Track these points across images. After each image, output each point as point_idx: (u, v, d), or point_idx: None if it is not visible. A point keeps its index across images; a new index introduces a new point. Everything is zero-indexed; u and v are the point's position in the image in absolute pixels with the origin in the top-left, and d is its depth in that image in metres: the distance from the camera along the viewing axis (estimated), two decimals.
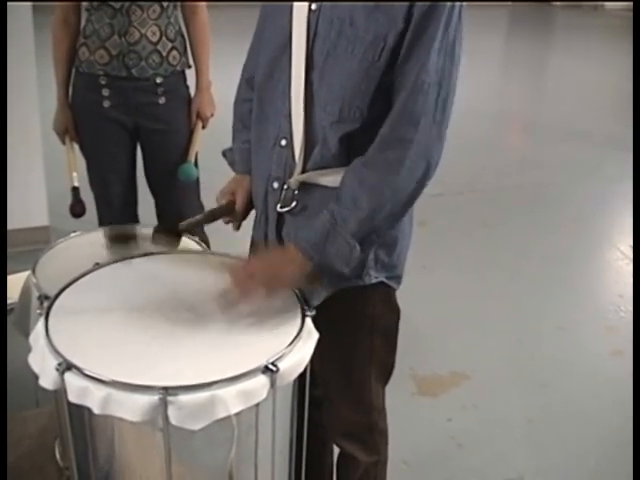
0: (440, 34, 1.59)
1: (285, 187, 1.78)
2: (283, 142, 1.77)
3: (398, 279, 1.93)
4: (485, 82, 8.93)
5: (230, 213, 1.99)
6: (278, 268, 1.73)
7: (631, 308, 4.00)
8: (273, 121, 1.80)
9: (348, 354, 1.97)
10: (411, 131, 1.63)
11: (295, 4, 1.71)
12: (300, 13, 1.69)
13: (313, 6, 1.68)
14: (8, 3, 3.71)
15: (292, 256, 1.71)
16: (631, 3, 14.24)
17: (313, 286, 1.78)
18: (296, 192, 1.77)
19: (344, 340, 1.93)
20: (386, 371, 2.05)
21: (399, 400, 2.68)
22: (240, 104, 2.04)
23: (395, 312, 1.98)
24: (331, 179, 1.73)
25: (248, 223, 2.00)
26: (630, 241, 4.82)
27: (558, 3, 17.17)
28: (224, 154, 2.06)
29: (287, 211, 1.79)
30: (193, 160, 3.04)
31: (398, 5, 1.58)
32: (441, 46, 1.61)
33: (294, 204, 1.78)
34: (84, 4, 2.88)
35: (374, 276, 1.85)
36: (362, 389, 2.03)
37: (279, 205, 1.79)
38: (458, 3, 1.61)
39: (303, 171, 1.75)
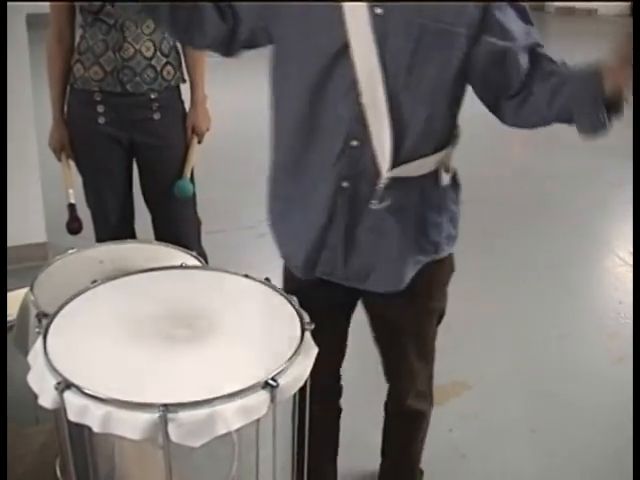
0: None
1: (379, 185, 1.83)
2: (354, 143, 1.83)
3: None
4: None
5: None
6: None
7: (631, 314, 3.99)
8: (335, 128, 1.84)
9: (426, 317, 2.17)
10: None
11: (351, 12, 1.73)
12: (358, 20, 1.73)
13: (379, 10, 1.72)
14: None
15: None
16: (625, 9, 14.29)
17: None
18: (382, 187, 1.83)
19: (424, 306, 2.14)
20: (441, 318, 2.24)
21: None
22: None
23: (454, 268, 2.17)
24: (420, 168, 1.87)
25: (248, 240, 2.00)
26: (629, 247, 4.81)
27: (553, 4, 17.17)
28: None
29: (381, 207, 1.87)
30: (189, 175, 3.04)
31: None
32: None
33: (389, 199, 1.85)
34: (78, 21, 2.88)
35: (447, 250, 2.06)
36: (432, 343, 2.24)
37: (374, 202, 1.85)
38: None
39: (393, 166, 1.82)
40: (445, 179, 1.95)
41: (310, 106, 1.86)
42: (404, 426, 2.42)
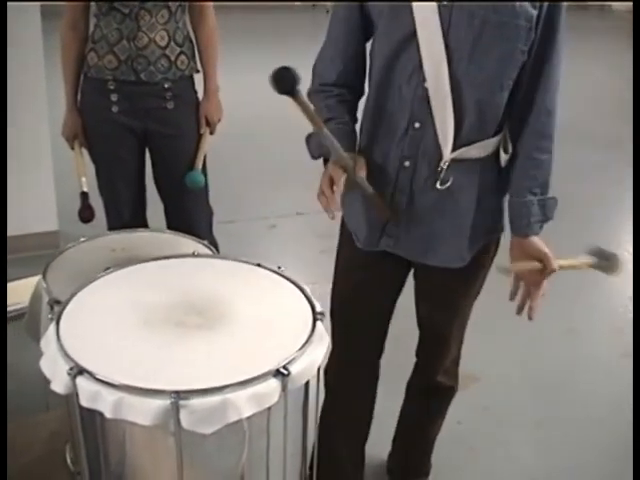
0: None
1: (439, 168, 1.95)
2: (417, 125, 1.94)
3: None
4: None
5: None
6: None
7: None
8: (400, 110, 1.96)
9: (474, 293, 2.29)
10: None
11: (419, 1, 1.84)
12: (425, 8, 1.83)
13: (445, 1, 1.82)
14: (17, 8, 3.73)
15: (535, 245, 2.07)
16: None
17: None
18: (445, 168, 1.95)
19: (474, 283, 2.25)
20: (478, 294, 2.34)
21: None
22: (321, 100, 2.11)
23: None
24: (481, 150, 1.97)
25: (259, 231, 2.01)
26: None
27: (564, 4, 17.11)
28: (307, 140, 2.10)
29: (444, 187, 1.97)
30: (200, 166, 3.04)
31: None
32: None
33: (451, 180, 1.96)
34: (92, 9, 2.88)
35: (501, 231, 2.19)
36: (466, 324, 2.38)
37: (438, 183, 1.96)
38: None
39: (454, 148, 1.93)
40: (504, 159, 2.03)
41: (379, 88, 1.99)
42: (430, 402, 2.53)
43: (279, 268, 1.94)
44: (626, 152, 6.21)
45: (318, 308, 1.74)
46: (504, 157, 2.03)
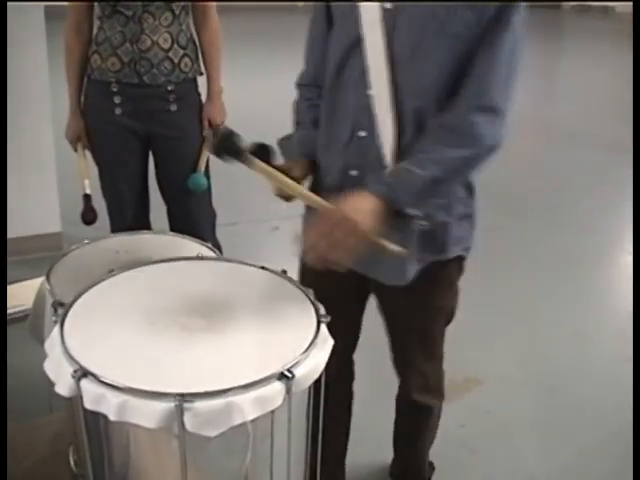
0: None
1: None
2: (362, 133, 1.88)
3: (469, 249, 2.11)
4: None
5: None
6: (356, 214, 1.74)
7: None
8: (345, 117, 1.91)
9: (431, 316, 2.16)
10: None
11: (365, 6, 1.80)
12: (370, 12, 1.79)
13: (388, 5, 1.77)
14: (19, 9, 3.73)
15: (362, 200, 1.77)
16: None
17: (382, 238, 1.79)
18: None
19: (429, 304, 2.11)
20: (450, 318, 2.22)
21: None
22: (298, 103, 2.12)
23: (463, 270, 2.15)
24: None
25: (262, 233, 2.01)
26: None
27: (568, 4, 17.12)
28: (279, 144, 2.07)
29: None
30: (203, 168, 3.04)
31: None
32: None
33: None
34: (96, 12, 2.89)
35: (455, 252, 2.04)
36: (438, 342, 2.24)
37: None
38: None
39: (398, 159, 1.84)
40: None
41: (330, 93, 1.95)
42: (410, 419, 2.46)
43: (283, 271, 1.93)
44: (627, 154, 6.22)
45: (322, 311, 1.74)
46: None
